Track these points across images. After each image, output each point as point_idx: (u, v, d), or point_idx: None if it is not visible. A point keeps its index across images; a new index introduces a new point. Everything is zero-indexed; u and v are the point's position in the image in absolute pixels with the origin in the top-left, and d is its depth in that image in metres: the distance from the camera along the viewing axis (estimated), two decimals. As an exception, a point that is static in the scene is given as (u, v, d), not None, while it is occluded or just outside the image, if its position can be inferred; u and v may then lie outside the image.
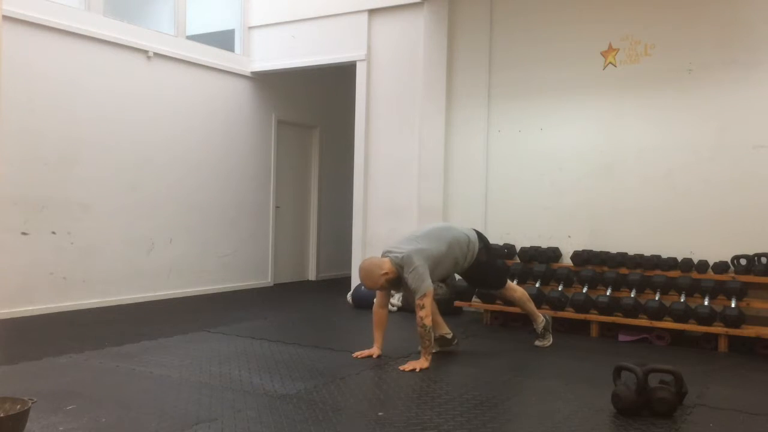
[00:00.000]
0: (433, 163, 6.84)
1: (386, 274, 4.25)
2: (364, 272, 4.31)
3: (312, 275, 9.28)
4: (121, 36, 6.61)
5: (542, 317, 5.04)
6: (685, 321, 5.10)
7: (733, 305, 5.02)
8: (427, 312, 4.16)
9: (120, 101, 6.62)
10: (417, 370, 4.14)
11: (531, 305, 5.05)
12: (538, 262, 6.01)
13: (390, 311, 6.47)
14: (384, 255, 4.37)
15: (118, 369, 4.06)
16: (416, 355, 4.57)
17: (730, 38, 5.54)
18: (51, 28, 6.01)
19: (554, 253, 6.05)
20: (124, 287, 6.66)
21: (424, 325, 4.17)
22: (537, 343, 5.04)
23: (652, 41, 5.84)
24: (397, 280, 4.31)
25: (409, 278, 4.19)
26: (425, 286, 4.17)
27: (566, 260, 6.07)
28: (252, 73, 8.14)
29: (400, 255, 4.25)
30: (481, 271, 4.78)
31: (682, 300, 5.23)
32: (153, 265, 6.98)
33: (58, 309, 6.06)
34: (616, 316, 5.36)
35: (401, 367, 4.18)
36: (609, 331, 5.46)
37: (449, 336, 4.74)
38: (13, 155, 5.74)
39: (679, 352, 4.95)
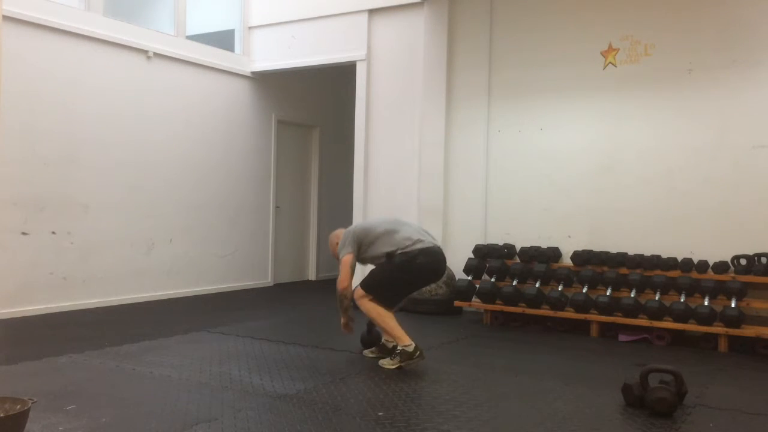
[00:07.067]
0: (433, 163, 6.84)
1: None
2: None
3: (312, 275, 9.28)
4: (121, 36, 6.61)
5: (410, 343, 4.15)
6: (685, 321, 5.10)
7: (733, 305, 5.02)
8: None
9: (120, 101, 6.62)
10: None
11: (389, 325, 4.21)
12: (538, 262, 6.01)
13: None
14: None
15: (118, 369, 4.06)
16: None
17: (729, 38, 5.54)
18: (51, 28, 6.01)
19: (554, 253, 6.05)
20: (124, 287, 6.66)
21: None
22: (381, 363, 4.25)
23: (652, 41, 5.84)
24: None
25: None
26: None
27: (566, 260, 6.07)
28: (252, 73, 8.14)
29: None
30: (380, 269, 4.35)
31: (682, 300, 5.23)
32: (153, 265, 6.97)
33: (58, 309, 6.06)
34: (616, 316, 5.36)
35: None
36: (609, 331, 5.46)
37: (390, 345, 4.36)
38: (13, 155, 5.74)
39: (679, 352, 4.95)
